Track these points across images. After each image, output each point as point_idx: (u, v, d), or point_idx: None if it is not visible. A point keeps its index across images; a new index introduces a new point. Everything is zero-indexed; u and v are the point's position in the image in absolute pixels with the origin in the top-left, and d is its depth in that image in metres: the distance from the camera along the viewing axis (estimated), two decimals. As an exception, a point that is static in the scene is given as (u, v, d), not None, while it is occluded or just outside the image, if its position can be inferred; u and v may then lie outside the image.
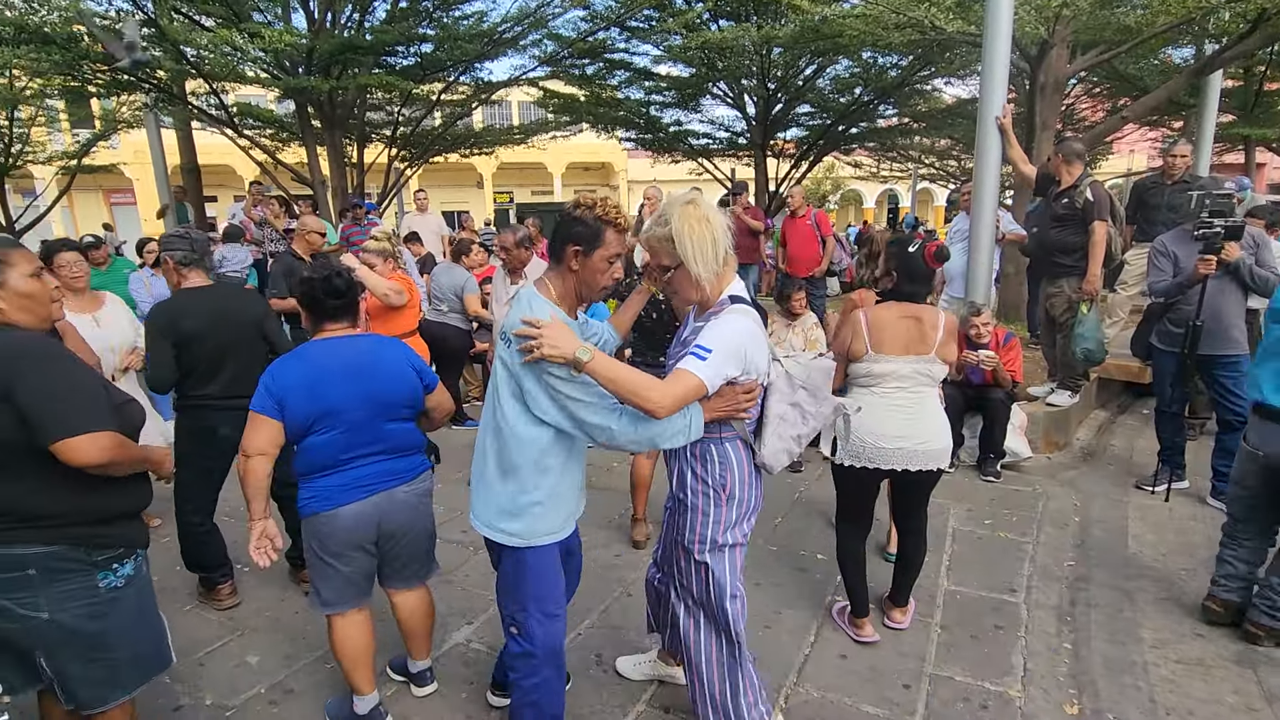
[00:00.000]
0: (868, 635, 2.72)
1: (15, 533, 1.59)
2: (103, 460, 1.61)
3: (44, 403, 1.56)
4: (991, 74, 4.43)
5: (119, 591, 1.75)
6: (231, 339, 2.91)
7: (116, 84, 8.14)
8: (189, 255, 2.89)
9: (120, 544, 1.76)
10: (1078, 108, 12.35)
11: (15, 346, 1.59)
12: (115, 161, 16.68)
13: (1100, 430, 5.27)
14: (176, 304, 2.87)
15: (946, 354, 2.53)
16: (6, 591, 1.60)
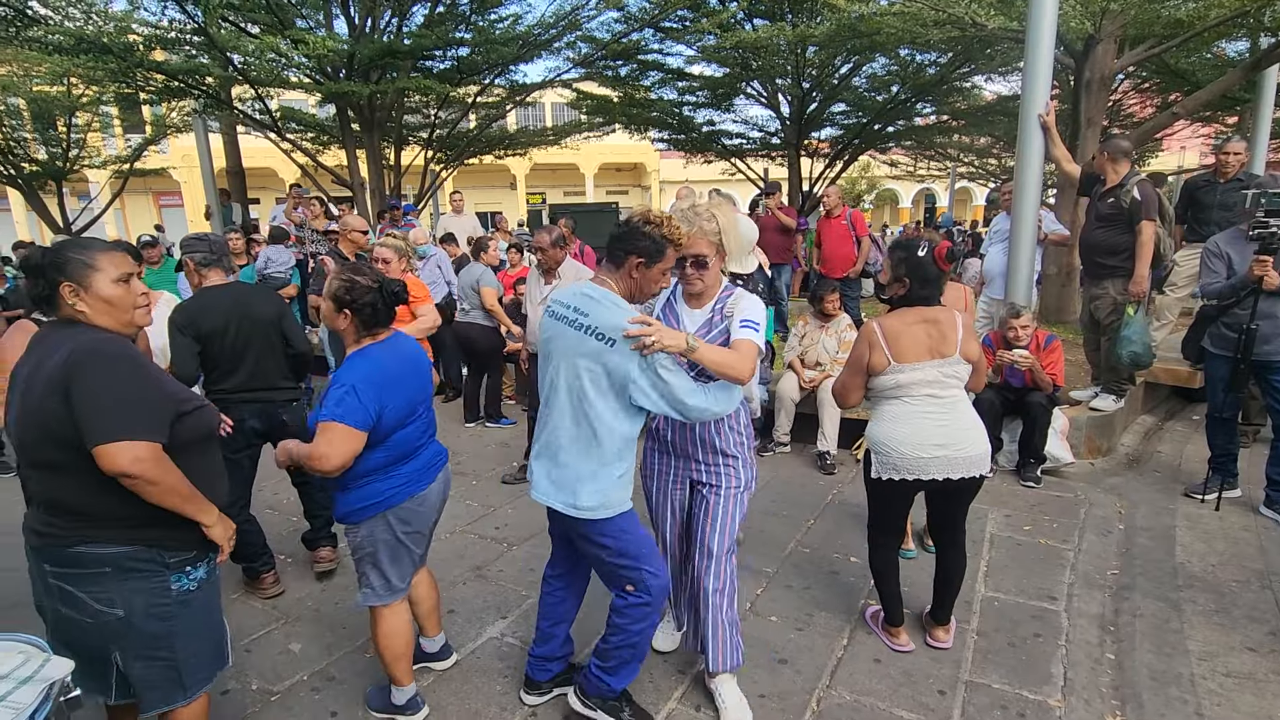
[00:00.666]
0: (903, 644, 2.67)
1: (93, 531, 1.63)
2: (133, 471, 1.55)
3: (91, 405, 1.54)
4: (1034, 71, 4.33)
5: (189, 595, 1.76)
6: (251, 334, 3.03)
7: (168, 90, 8.45)
8: (208, 256, 3.05)
9: (194, 547, 1.77)
10: (1125, 103, 11.98)
11: (88, 346, 1.59)
12: (164, 165, 17.29)
13: (1147, 436, 5.11)
14: (197, 302, 3.01)
15: (969, 352, 2.48)
16: (85, 586, 1.63)
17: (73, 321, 1.66)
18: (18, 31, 6.97)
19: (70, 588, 1.63)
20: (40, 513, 1.65)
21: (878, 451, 2.52)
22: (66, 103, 11.12)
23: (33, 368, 1.61)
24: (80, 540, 1.62)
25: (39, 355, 1.62)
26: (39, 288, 1.65)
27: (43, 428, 1.56)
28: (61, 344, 1.60)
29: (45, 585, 1.66)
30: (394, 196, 9.84)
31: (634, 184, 29.53)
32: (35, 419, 1.56)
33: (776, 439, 4.87)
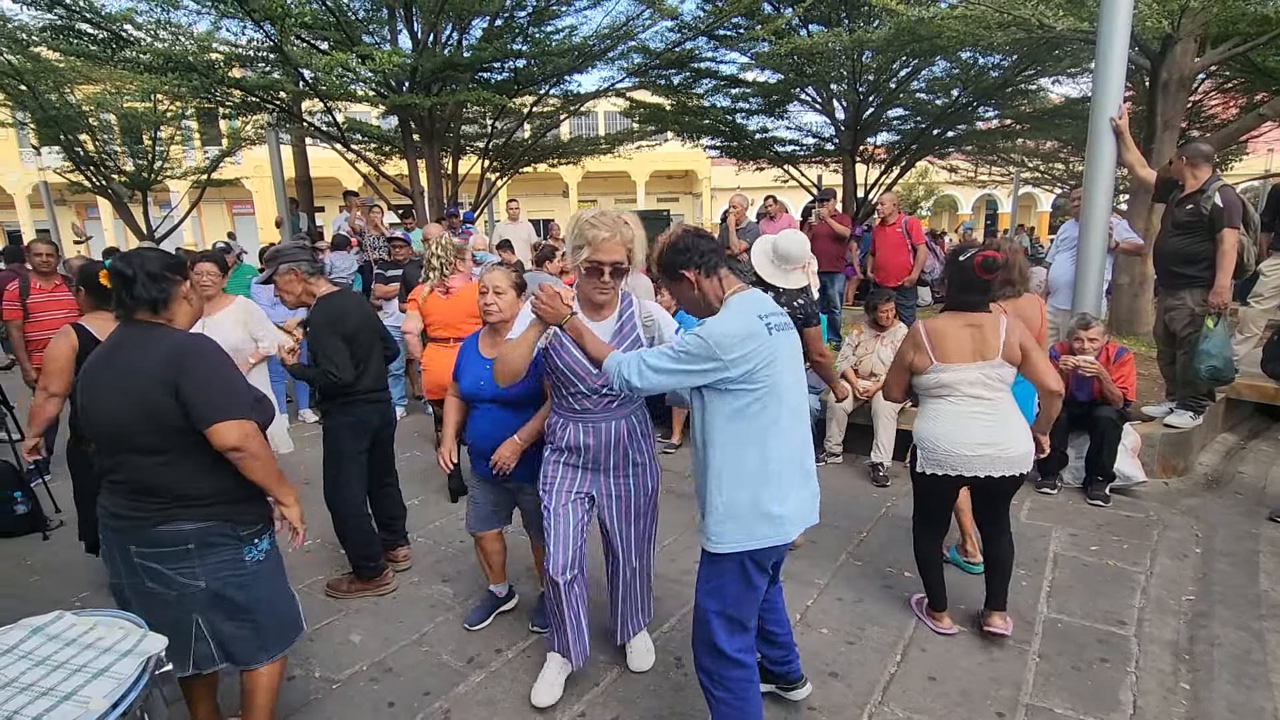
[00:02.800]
0: (947, 627, 2.80)
1: (174, 510, 1.81)
2: (242, 444, 1.81)
3: (201, 393, 1.77)
4: (1106, 73, 4.17)
5: (260, 565, 1.95)
6: (372, 337, 3.20)
7: (244, 105, 8.91)
8: (314, 265, 3.10)
9: (260, 521, 1.98)
10: (1206, 105, 11.36)
11: (184, 344, 1.83)
12: (238, 175, 18.22)
13: (1228, 456, 4.82)
14: (337, 305, 3.07)
15: (1013, 355, 2.54)
16: (170, 563, 1.81)
17: (152, 323, 1.87)
18: (113, 53, 7.48)
19: (157, 565, 1.81)
20: (124, 498, 1.82)
21: (923, 447, 2.65)
22: (153, 118, 11.86)
23: (126, 366, 1.79)
24: (165, 519, 1.80)
25: (132, 356, 1.81)
26: (158, 292, 1.86)
27: (150, 418, 1.76)
28: (155, 346, 1.81)
29: (129, 566, 1.83)
30: (452, 204, 10.12)
31: (685, 191, 29.54)
32: (141, 410, 1.76)
33: (829, 449, 4.80)
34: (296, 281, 3.04)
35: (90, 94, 11.19)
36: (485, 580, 3.04)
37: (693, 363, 1.82)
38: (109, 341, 1.88)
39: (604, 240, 2.10)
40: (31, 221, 23.62)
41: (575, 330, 2.00)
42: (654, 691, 2.51)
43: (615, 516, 2.41)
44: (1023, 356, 2.54)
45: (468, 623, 2.95)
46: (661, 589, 3.22)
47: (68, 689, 1.17)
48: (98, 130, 12.12)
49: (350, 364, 3.01)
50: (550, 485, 2.38)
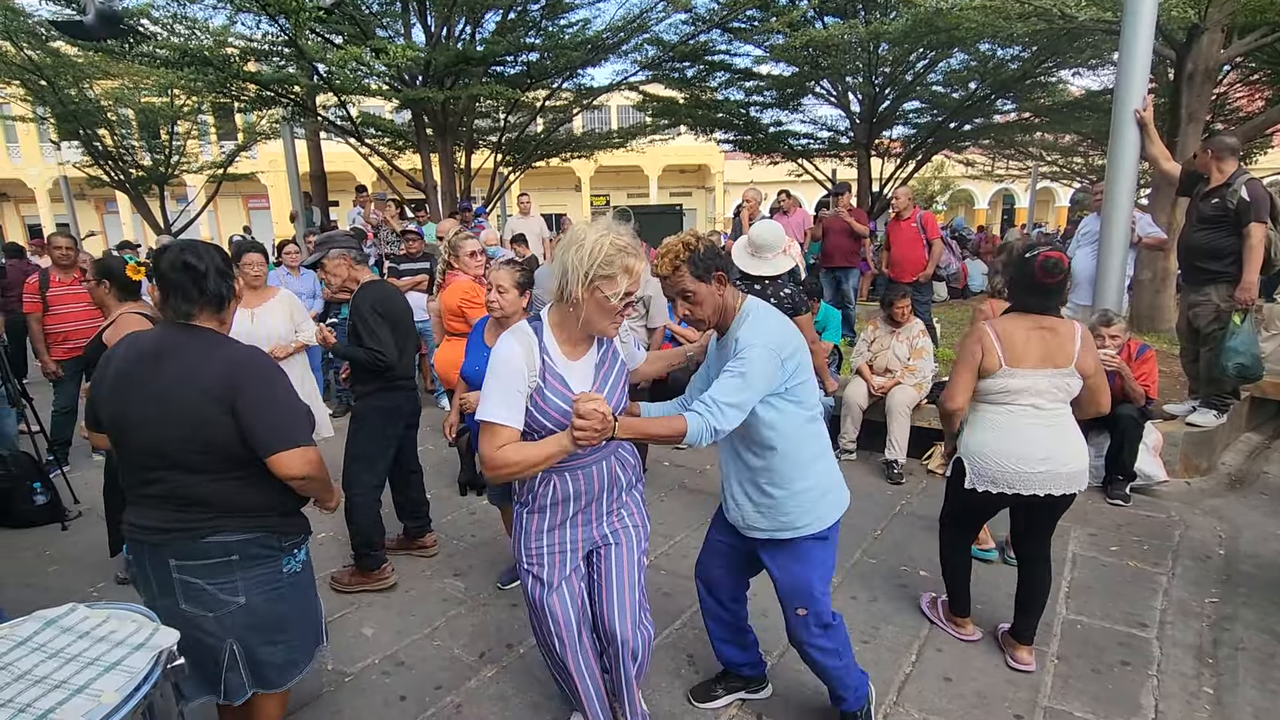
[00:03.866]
0: (969, 634, 2.68)
1: (221, 521, 1.71)
2: (304, 473, 1.73)
3: (263, 417, 1.67)
4: (1130, 64, 4.07)
5: (297, 576, 1.87)
6: (409, 326, 3.25)
7: (259, 99, 8.97)
8: (361, 254, 3.23)
9: (300, 531, 1.89)
10: (1231, 96, 11.13)
11: (244, 362, 1.70)
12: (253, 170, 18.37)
13: (1252, 455, 4.73)
14: (380, 292, 3.16)
15: (1086, 366, 2.36)
16: (211, 577, 1.70)
17: (203, 329, 1.73)
18: (130, 48, 7.54)
19: (196, 580, 1.69)
20: (166, 510, 1.69)
21: (974, 461, 2.45)
22: (170, 112, 11.98)
23: (175, 375, 1.65)
24: (210, 531, 1.69)
25: (182, 367, 1.66)
26: (225, 288, 1.75)
27: (199, 437, 1.64)
28: (210, 357, 1.67)
29: (164, 584, 1.71)
30: (464, 199, 10.14)
31: (698, 186, 29.42)
32: (189, 427, 1.63)
33: (843, 446, 4.75)
34: (345, 267, 3.16)
35: (108, 89, 11.31)
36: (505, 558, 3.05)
37: (760, 377, 1.79)
38: (149, 345, 1.70)
39: (640, 270, 1.79)
40: (52, 215, 23.95)
41: (631, 431, 1.71)
42: (666, 690, 2.49)
43: (615, 568, 1.97)
44: (1091, 369, 2.38)
45: (500, 582, 3.20)
46: (673, 585, 3.21)
47: (79, 682, 1.16)
48: (116, 125, 12.26)
49: (394, 346, 3.08)
50: (539, 569, 1.90)
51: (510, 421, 1.66)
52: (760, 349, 1.79)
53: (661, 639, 2.79)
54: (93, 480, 2.12)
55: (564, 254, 1.65)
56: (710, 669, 2.57)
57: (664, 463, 4.84)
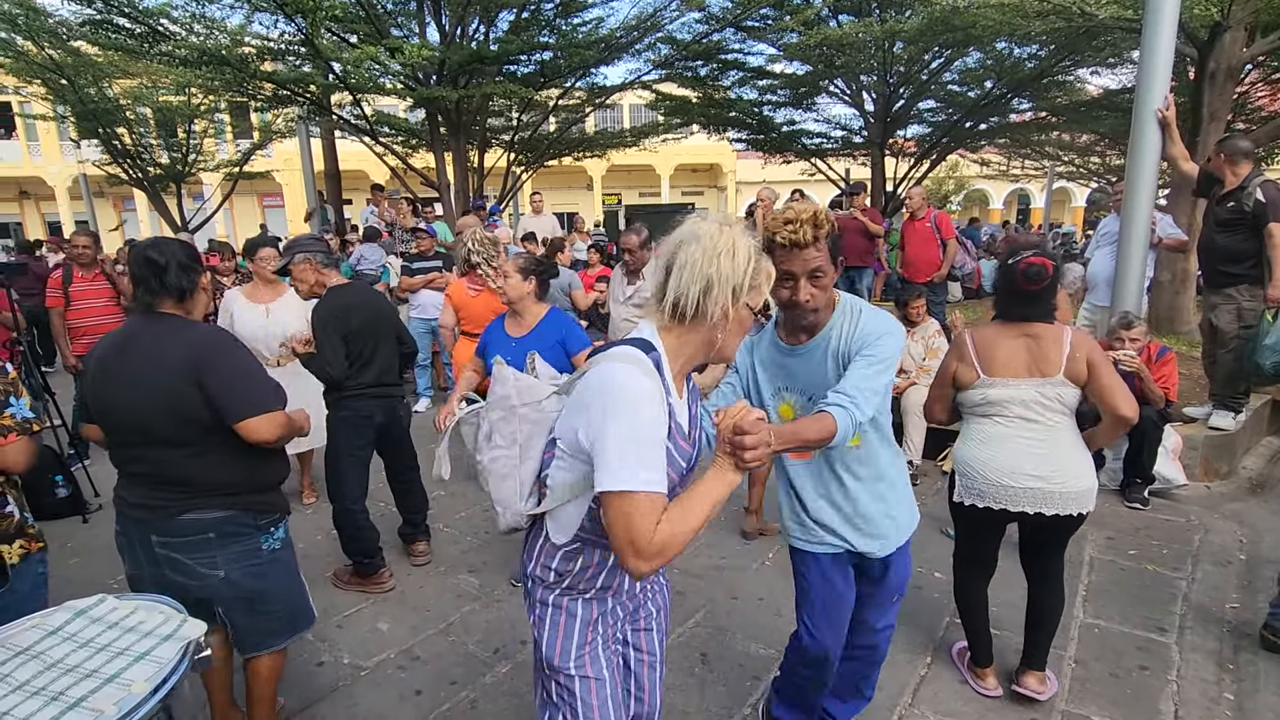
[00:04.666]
0: (990, 688, 2.43)
1: (197, 500, 1.84)
2: (275, 435, 1.87)
3: (230, 388, 1.80)
4: (1152, 62, 4.03)
5: (276, 553, 1.99)
6: (381, 331, 3.18)
7: (275, 98, 9.04)
8: (329, 257, 3.13)
9: (276, 510, 2.02)
10: (1253, 96, 10.97)
11: (207, 339, 1.84)
12: (268, 168, 18.52)
13: (1273, 460, 4.66)
14: (338, 300, 3.06)
15: (1077, 373, 2.16)
16: (191, 553, 1.85)
17: (172, 315, 1.87)
18: (149, 47, 7.63)
19: (178, 555, 1.84)
20: (146, 488, 1.85)
21: (962, 474, 2.31)
22: (187, 111, 12.10)
23: (146, 358, 1.79)
24: (185, 509, 1.83)
25: (152, 348, 1.81)
26: (188, 282, 1.87)
27: (173, 412, 1.78)
28: (176, 339, 1.81)
29: (150, 555, 1.86)
30: (478, 197, 10.17)
31: (710, 185, 29.36)
32: (163, 403, 1.78)
33: (855, 446, 4.73)
34: (311, 271, 3.08)
35: (127, 88, 11.44)
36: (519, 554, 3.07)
37: (894, 365, 1.66)
38: (123, 333, 1.87)
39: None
40: (71, 213, 24.25)
41: (785, 439, 1.49)
42: (680, 688, 2.50)
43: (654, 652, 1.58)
44: (1090, 374, 2.15)
45: (514, 579, 3.26)
46: (684, 584, 3.21)
47: (110, 671, 1.18)
48: (134, 123, 12.40)
49: (343, 360, 3.00)
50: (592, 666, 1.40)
51: (662, 486, 1.16)
52: (893, 337, 1.67)
53: (675, 638, 2.79)
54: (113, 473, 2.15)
55: (706, 263, 1.24)
56: (723, 668, 2.57)
57: (676, 462, 4.83)
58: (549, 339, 2.97)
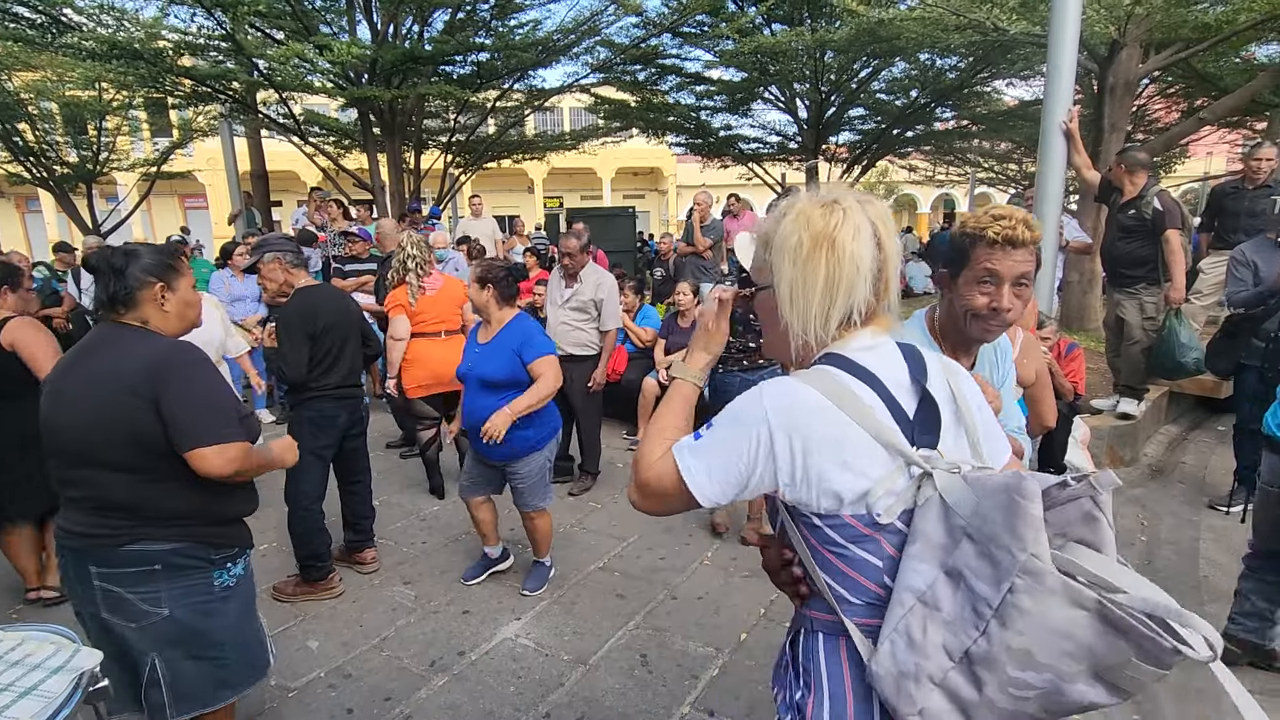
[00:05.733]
0: None
1: (145, 529, 1.66)
2: (228, 471, 1.68)
3: (183, 412, 1.63)
4: (1057, 76, 4.28)
5: (230, 590, 1.80)
6: (348, 333, 3.16)
7: (195, 95, 8.61)
8: (298, 258, 3.11)
9: (236, 543, 1.84)
10: (1150, 109, 11.79)
11: (165, 354, 1.67)
12: (190, 168, 17.58)
13: (1171, 446, 5.02)
14: (310, 300, 3.05)
15: (1024, 376, 2.11)
16: (133, 586, 1.65)
17: (130, 325, 1.71)
18: (52, 39, 7.15)
19: (117, 589, 1.65)
20: (86, 515, 1.66)
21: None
22: (97, 107, 11.37)
23: (98, 373, 1.63)
24: (132, 539, 1.65)
25: (106, 361, 1.65)
26: (118, 288, 1.69)
27: (123, 433, 1.61)
28: (131, 350, 1.65)
29: (87, 590, 1.67)
30: (414, 200, 9.95)
31: (651, 188, 29.55)
32: (113, 423, 1.60)
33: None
34: (280, 270, 3.07)
35: (29, 81, 10.67)
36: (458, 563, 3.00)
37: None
38: (81, 345, 1.71)
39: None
40: (-34, 215, 22.47)
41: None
42: (620, 691, 2.51)
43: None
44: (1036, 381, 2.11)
45: (464, 578, 3.26)
46: (626, 586, 3.22)
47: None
48: (38, 119, 11.57)
49: (304, 362, 2.99)
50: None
51: None
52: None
53: (615, 640, 2.80)
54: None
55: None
56: (663, 668, 2.59)
57: (617, 465, 4.85)
58: (506, 346, 2.93)
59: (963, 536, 0.89)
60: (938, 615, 0.88)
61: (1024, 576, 0.81)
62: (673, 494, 1.02)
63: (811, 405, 0.95)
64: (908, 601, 0.91)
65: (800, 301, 1.02)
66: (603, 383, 4.28)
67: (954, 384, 1.05)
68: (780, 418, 0.95)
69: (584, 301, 4.12)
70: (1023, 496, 0.83)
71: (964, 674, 0.87)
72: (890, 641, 0.91)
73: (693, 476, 1.00)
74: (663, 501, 1.04)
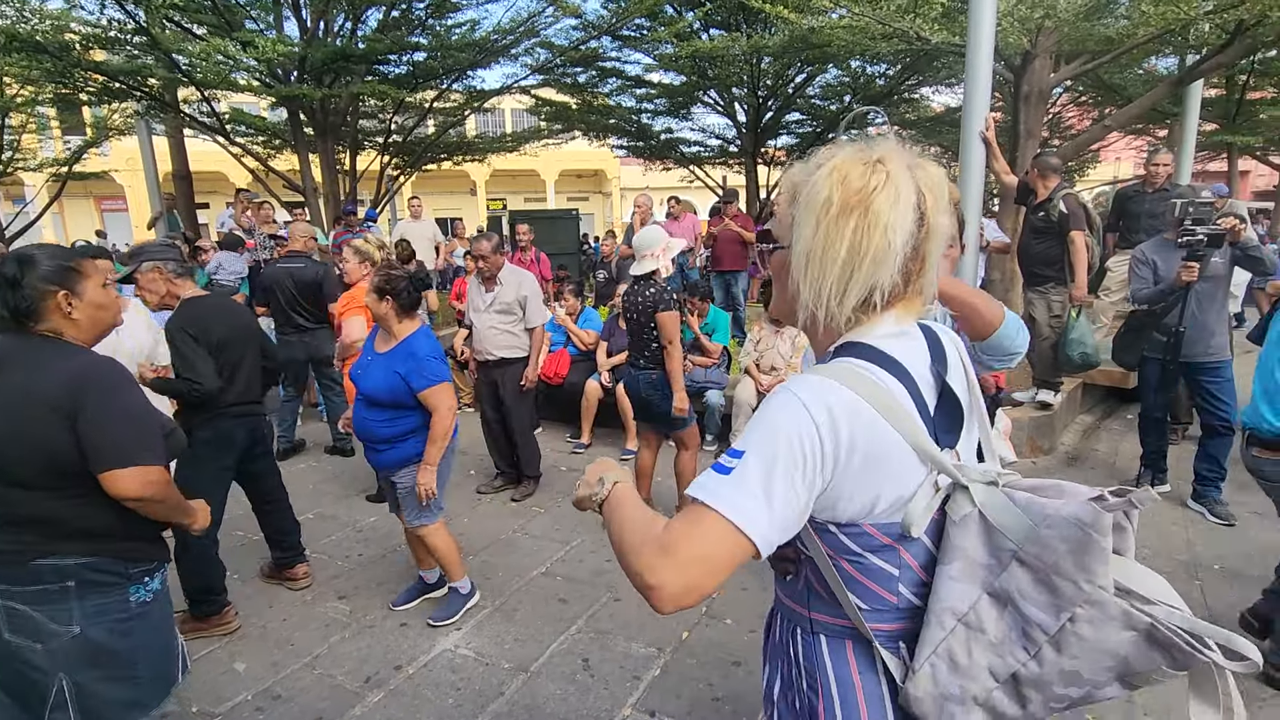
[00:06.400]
0: None
1: (56, 544, 1.59)
2: (144, 494, 1.63)
3: (100, 432, 1.57)
4: (975, 84, 4.49)
5: (147, 606, 1.73)
6: (246, 346, 2.97)
7: (108, 92, 8.14)
8: (182, 266, 2.87)
9: (153, 558, 1.76)
10: (1064, 116, 12.50)
11: (85, 371, 1.60)
12: (106, 168, 16.60)
13: (1085, 435, 5.33)
14: (201, 311, 2.84)
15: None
16: (42, 604, 1.58)
17: (44, 336, 1.63)
18: (-56, 29, 6.64)
19: (24, 607, 1.57)
20: None
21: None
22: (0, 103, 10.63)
23: (13, 387, 1.55)
24: (41, 554, 1.58)
25: (20, 375, 1.56)
26: (18, 301, 1.59)
27: (38, 450, 1.55)
28: (49, 365, 1.58)
29: None
30: (349, 202, 9.66)
31: (595, 190, 29.52)
32: (27, 439, 1.54)
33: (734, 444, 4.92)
34: (161, 281, 2.81)
35: (-82, 74, 9.89)
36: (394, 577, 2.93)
37: None
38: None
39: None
40: None
41: None
42: (561, 697, 2.50)
43: None
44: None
45: (393, 603, 3.10)
46: (569, 591, 3.21)
47: None
48: (-70, 116, 10.73)
49: (214, 373, 2.79)
50: None
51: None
52: None
53: (557, 646, 2.79)
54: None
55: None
56: (605, 671, 2.60)
57: (562, 468, 4.83)
58: (393, 367, 2.72)
59: (1012, 560, 0.85)
60: (982, 638, 0.86)
61: (1087, 607, 0.80)
62: (724, 555, 0.82)
63: (859, 414, 0.85)
64: (949, 624, 0.87)
65: (814, 269, 0.89)
66: (534, 380, 4.24)
67: (967, 366, 0.99)
68: (828, 429, 0.84)
69: (507, 303, 4.08)
70: (1098, 532, 0.80)
71: (1009, 694, 0.86)
72: (931, 665, 0.88)
73: (751, 519, 0.81)
74: (714, 576, 0.82)
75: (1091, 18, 5.98)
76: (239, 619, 2.98)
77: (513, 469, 4.47)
